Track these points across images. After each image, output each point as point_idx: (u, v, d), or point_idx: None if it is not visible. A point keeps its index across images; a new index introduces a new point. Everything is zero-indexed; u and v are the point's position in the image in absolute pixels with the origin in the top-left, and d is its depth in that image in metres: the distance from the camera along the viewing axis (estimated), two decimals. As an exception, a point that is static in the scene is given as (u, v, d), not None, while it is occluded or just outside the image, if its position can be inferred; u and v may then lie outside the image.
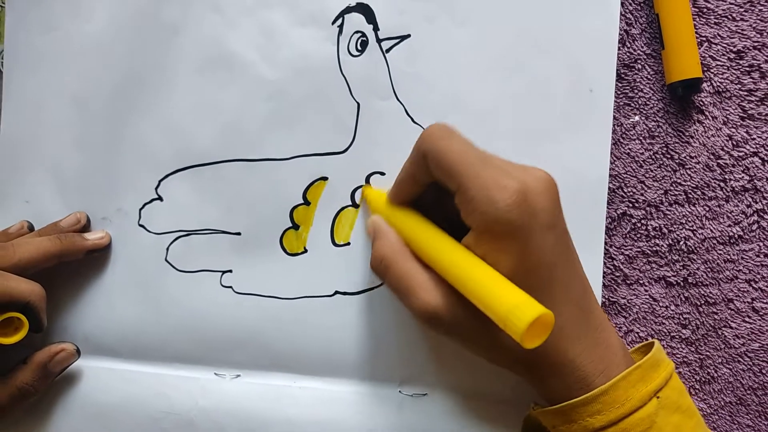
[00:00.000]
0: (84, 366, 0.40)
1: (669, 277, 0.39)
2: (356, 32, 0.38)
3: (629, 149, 0.39)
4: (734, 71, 0.38)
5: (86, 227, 0.40)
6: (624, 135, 0.39)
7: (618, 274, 0.39)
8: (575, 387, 0.30)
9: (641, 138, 0.39)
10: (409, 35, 0.38)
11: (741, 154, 0.38)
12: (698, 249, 0.39)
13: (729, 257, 0.38)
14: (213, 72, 0.39)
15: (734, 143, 0.38)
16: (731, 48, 0.38)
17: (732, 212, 0.38)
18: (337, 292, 0.39)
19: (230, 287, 0.39)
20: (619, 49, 0.38)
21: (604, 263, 0.38)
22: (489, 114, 0.37)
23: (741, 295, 0.39)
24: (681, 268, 0.39)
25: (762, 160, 0.38)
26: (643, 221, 0.39)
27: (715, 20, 0.38)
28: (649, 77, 0.39)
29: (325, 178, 0.38)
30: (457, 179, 0.29)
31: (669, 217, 0.39)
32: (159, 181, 0.39)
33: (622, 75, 0.38)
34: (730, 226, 0.38)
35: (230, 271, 0.39)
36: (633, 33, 0.38)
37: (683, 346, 0.39)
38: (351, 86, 0.38)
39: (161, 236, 0.40)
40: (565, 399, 0.30)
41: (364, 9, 0.38)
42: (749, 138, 0.38)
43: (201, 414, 0.39)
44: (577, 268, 0.31)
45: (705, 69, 0.38)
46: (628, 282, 0.39)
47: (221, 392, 0.39)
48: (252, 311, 0.39)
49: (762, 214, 0.38)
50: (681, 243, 0.39)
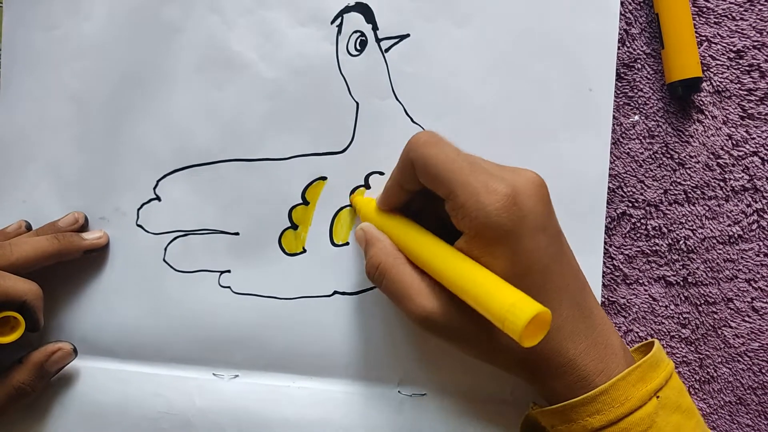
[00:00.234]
0: (81, 366, 0.40)
1: (669, 277, 0.39)
2: (355, 32, 0.38)
3: (629, 149, 0.39)
4: (734, 71, 0.38)
5: (84, 227, 0.40)
6: (624, 134, 0.39)
7: (618, 274, 0.39)
8: (575, 387, 0.30)
9: (641, 137, 0.39)
10: (409, 35, 0.38)
11: (741, 154, 0.38)
12: (698, 248, 0.38)
13: (729, 257, 0.38)
14: (212, 71, 0.39)
15: (734, 143, 0.38)
16: (731, 47, 0.38)
17: (732, 212, 0.38)
18: (336, 292, 0.38)
19: (229, 287, 0.39)
20: (619, 49, 0.38)
21: (604, 263, 0.38)
22: (488, 113, 0.37)
23: (741, 295, 0.38)
24: (681, 268, 0.39)
25: (762, 160, 0.38)
26: (643, 221, 0.39)
27: (715, 20, 0.38)
28: (649, 77, 0.38)
29: (324, 178, 0.38)
30: (446, 186, 0.29)
31: (669, 217, 0.39)
32: (157, 181, 0.39)
33: (622, 74, 0.38)
34: (730, 226, 0.38)
35: (229, 271, 0.39)
36: (633, 32, 0.38)
37: (683, 346, 0.39)
38: (350, 86, 0.38)
39: (159, 236, 0.39)
40: (565, 399, 0.30)
41: (363, 8, 0.38)
42: (749, 137, 0.38)
43: (199, 414, 0.39)
44: (573, 268, 0.31)
45: (705, 68, 0.38)
46: (628, 282, 0.39)
47: (219, 392, 0.39)
48: (250, 311, 0.39)
49: (762, 214, 0.38)
50: (681, 242, 0.38)
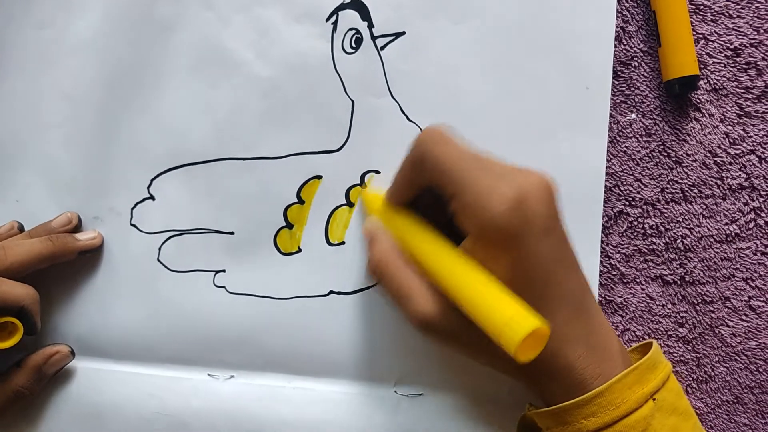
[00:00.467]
0: (76, 367, 0.40)
1: (666, 276, 0.39)
2: (350, 29, 0.38)
3: (626, 147, 0.38)
4: (731, 68, 0.38)
5: (78, 227, 0.39)
6: (620, 133, 0.38)
7: (614, 273, 0.39)
8: (573, 390, 0.29)
9: (638, 136, 0.38)
10: (404, 32, 0.37)
11: (738, 152, 0.38)
12: (695, 247, 0.38)
13: (726, 255, 0.38)
14: (206, 69, 0.38)
15: (731, 141, 0.38)
16: (728, 45, 0.38)
17: (729, 210, 0.38)
18: (332, 292, 0.38)
19: (224, 287, 0.39)
20: (616, 47, 0.38)
21: (601, 262, 0.38)
22: (485, 112, 0.37)
23: (738, 294, 0.38)
24: (678, 267, 0.38)
25: (759, 158, 0.38)
26: (640, 219, 0.38)
27: (712, 17, 0.38)
28: (646, 75, 0.38)
29: (320, 177, 0.38)
30: (453, 185, 0.29)
31: (666, 216, 0.38)
32: (151, 180, 0.39)
33: (619, 72, 0.38)
34: (727, 224, 0.38)
35: (223, 271, 0.39)
36: (629, 30, 0.38)
37: (680, 345, 0.39)
38: (345, 84, 0.38)
39: (153, 236, 0.39)
40: (563, 401, 0.30)
41: (359, 6, 0.37)
42: (746, 135, 0.38)
43: (194, 415, 0.39)
44: (576, 272, 0.31)
45: (702, 66, 0.38)
46: (625, 281, 0.39)
47: (215, 393, 0.39)
48: (246, 311, 0.39)
49: (759, 212, 0.38)
50: (678, 241, 0.38)
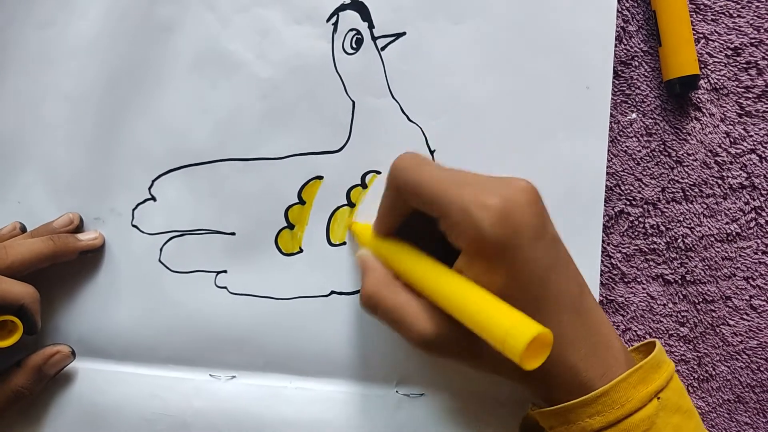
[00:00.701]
0: (78, 367, 0.40)
1: (667, 275, 0.39)
2: (351, 30, 0.38)
3: (626, 147, 0.38)
4: (731, 68, 0.38)
5: (79, 228, 0.39)
6: (621, 132, 0.38)
7: (615, 272, 0.39)
8: (577, 390, 0.29)
9: (638, 135, 0.38)
10: (405, 33, 0.37)
11: (738, 151, 0.38)
12: (696, 246, 0.38)
13: (727, 255, 0.38)
14: (207, 70, 0.38)
15: (732, 140, 0.38)
16: (728, 45, 0.38)
17: (729, 209, 0.38)
18: (333, 292, 0.38)
19: (225, 288, 0.39)
20: (616, 46, 0.38)
21: (602, 261, 0.38)
22: (485, 112, 0.37)
23: (739, 293, 0.38)
24: (679, 266, 0.39)
25: (759, 157, 0.38)
26: (641, 219, 0.38)
27: (712, 17, 0.38)
28: (646, 74, 0.38)
29: (320, 177, 0.38)
30: (438, 207, 0.29)
31: (666, 215, 0.38)
32: (152, 181, 0.39)
33: (619, 72, 0.38)
34: (728, 224, 0.38)
35: (225, 272, 0.39)
36: (630, 30, 0.38)
37: (681, 344, 0.39)
38: (346, 84, 0.38)
39: (155, 236, 0.39)
40: (567, 402, 0.30)
41: (359, 6, 0.37)
42: (747, 135, 0.38)
43: (196, 415, 0.39)
44: (572, 273, 0.31)
45: (702, 66, 0.38)
46: (626, 280, 0.39)
47: (216, 393, 0.39)
48: (247, 312, 0.39)
49: (759, 212, 0.38)
50: (678, 241, 0.38)
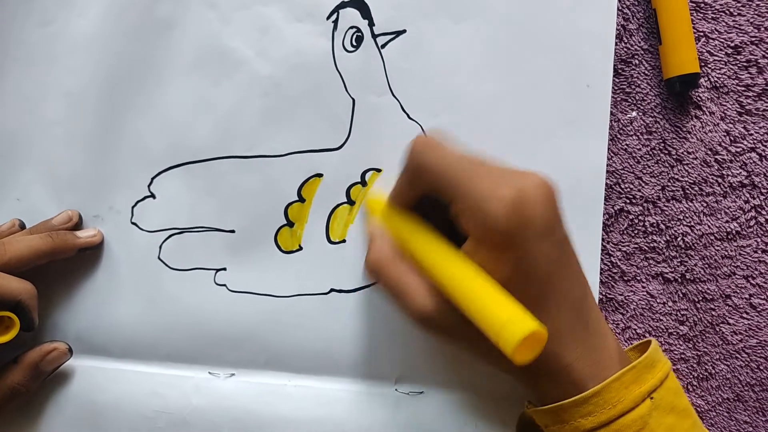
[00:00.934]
0: (76, 365, 0.40)
1: (666, 274, 0.39)
2: (351, 27, 0.38)
3: (626, 145, 0.38)
4: (732, 66, 0.38)
5: (78, 225, 0.39)
6: (621, 131, 0.38)
7: (615, 271, 0.39)
8: (570, 390, 0.29)
9: (638, 134, 0.38)
10: (405, 31, 0.37)
11: (738, 150, 0.38)
12: (696, 245, 0.38)
13: (726, 253, 0.38)
14: (207, 68, 0.38)
15: (732, 139, 0.38)
16: (728, 43, 0.38)
17: (729, 208, 0.38)
18: (333, 290, 0.38)
19: (224, 285, 0.39)
20: (617, 45, 0.38)
21: (601, 260, 0.38)
22: (485, 110, 0.37)
23: (738, 291, 0.38)
24: (678, 265, 0.38)
25: (759, 156, 0.38)
26: (641, 217, 0.38)
27: (713, 15, 0.38)
28: (647, 72, 0.38)
29: (320, 175, 0.38)
30: (452, 191, 0.29)
31: (666, 213, 0.38)
32: (152, 179, 0.39)
33: (620, 70, 0.38)
34: (728, 222, 0.38)
35: (224, 269, 0.39)
36: (630, 28, 0.38)
37: (681, 343, 0.39)
38: (346, 82, 0.38)
39: (154, 234, 0.39)
40: (559, 400, 0.30)
41: (359, 4, 0.37)
42: (747, 133, 0.38)
43: (195, 413, 0.39)
44: (577, 273, 0.31)
45: (702, 64, 0.38)
46: (626, 278, 0.39)
47: (215, 391, 0.39)
48: (246, 309, 0.39)
49: (759, 210, 0.38)
50: (678, 239, 0.38)
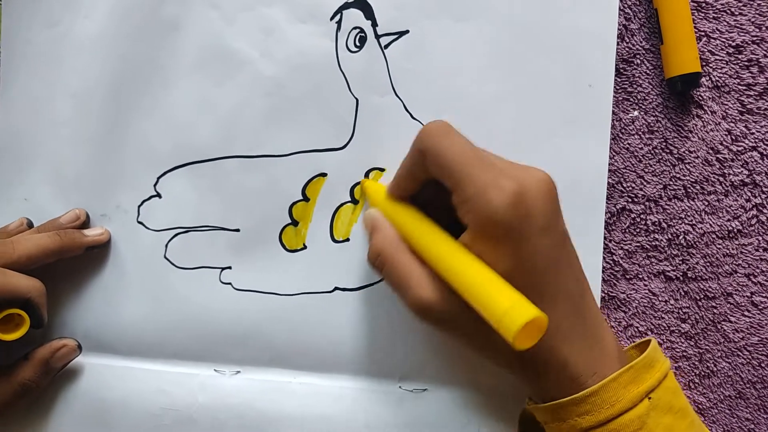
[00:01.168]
0: (84, 362, 0.40)
1: (668, 272, 0.39)
2: (354, 28, 0.38)
3: (628, 144, 0.39)
4: (733, 66, 0.38)
5: (85, 224, 0.40)
6: (623, 130, 0.39)
7: (617, 269, 0.39)
8: (567, 387, 0.30)
9: (640, 133, 0.39)
10: (408, 31, 0.38)
11: (740, 149, 0.38)
12: (697, 243, 0.39)
13: (728, 251, 0.38)
14: (211, 68, 0.39)
15: (733, 138, 0.38)
16: (730, 42, 0.38)
17: (731, 207, 0.38)
18: (337, 288, 0.39)
19: (229, 284, 0.39)
20: (618, 44, 0.38)
21: (604, 258, 0.38)
22: (488, 110, 0.37)
23: (740, 289, 0.39)
24: (680, 263, 0.39)
25: (761, 155, 0.38)
26: (643, 216, 0.39)
27: (714, 15, 0.38)
28: (648, 72, 0.38)
29: (324, 174, 0.38)
30: (455, 178, 0.29)
31: (668, 212, 0.39)
32: (158, 178, 0.39)
33: (621, 70, 0.38)
34: (729, 221, 0.38)
35: (229, 268, 0.39)
36: (632, 28, 0.38)
37: (682, 341, 0.39)
38: (349, 82, 0.38)
39: (160, 233, 0.40)
40: (557, 398, 0.30)
41: (363, 5, 0.38)
42: (748, 132, 0.38)
43: (201, 410, 0.39)
44: (575, 270, 0.31)
45: (704, 64, 0.38)
46: (628, 277, 0.39)
47: (221, 388, 0.39)
48: (251, 308, 0.39)
49: (761, 209, 0.38)
50: (680, 237, 0.39)
